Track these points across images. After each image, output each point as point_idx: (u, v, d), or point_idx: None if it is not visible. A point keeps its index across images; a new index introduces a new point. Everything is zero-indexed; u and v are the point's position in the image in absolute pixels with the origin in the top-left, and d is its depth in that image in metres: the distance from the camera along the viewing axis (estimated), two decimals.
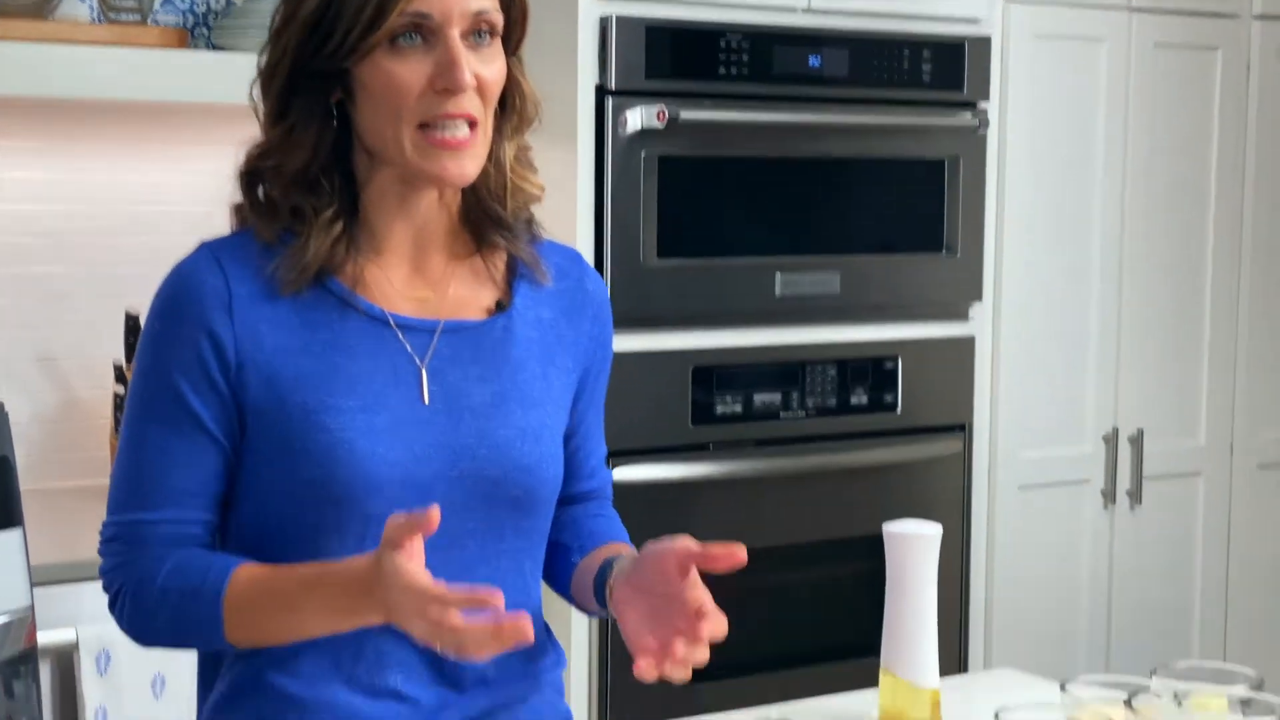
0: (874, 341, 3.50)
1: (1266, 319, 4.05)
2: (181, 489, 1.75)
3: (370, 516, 1.72)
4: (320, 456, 1.71)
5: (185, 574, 1.72)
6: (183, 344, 1.74)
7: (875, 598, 3.52)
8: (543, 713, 1.87)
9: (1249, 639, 4.05)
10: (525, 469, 1.79)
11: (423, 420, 1.76)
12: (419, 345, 1.78)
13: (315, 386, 1.73)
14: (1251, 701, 1.75)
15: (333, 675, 1.76)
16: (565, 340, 1.87)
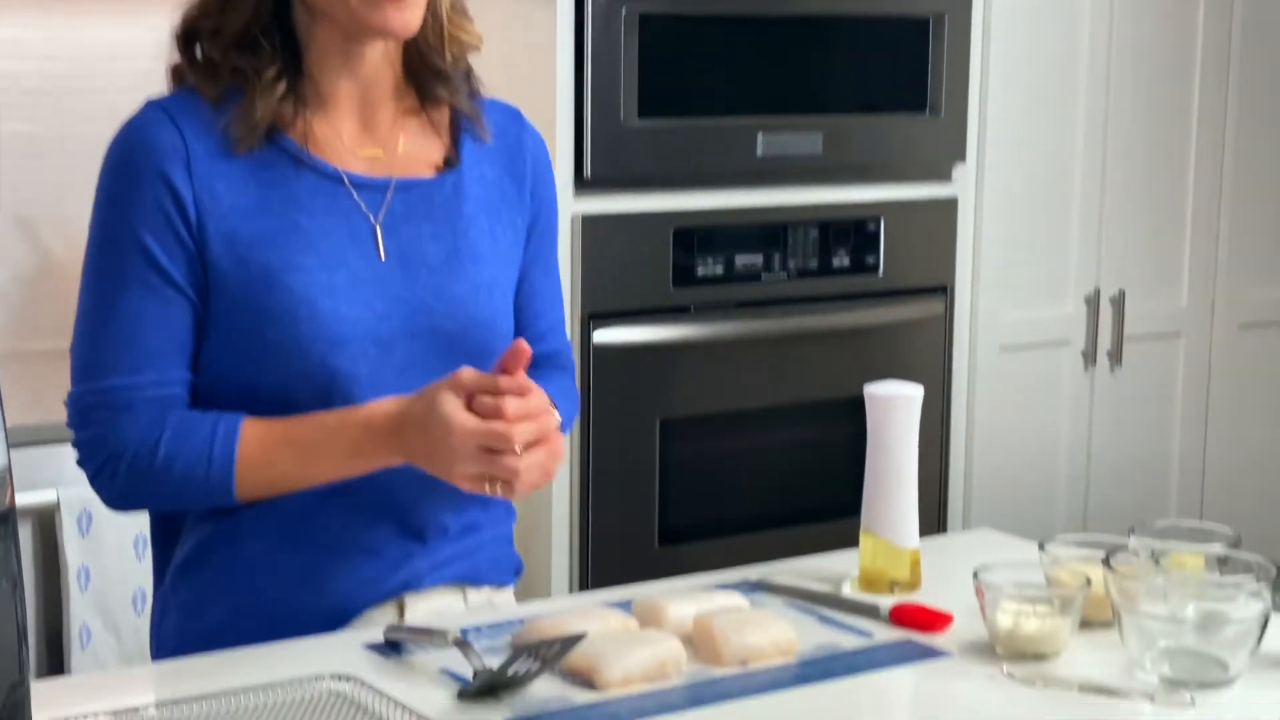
0: (856, 203, 3.48)
1: (1250, 179, 4.03)
2: (161, 349, 1.75)
3: (333, 372, 1.75)
4: (284, 316, 1.74)
5: (188, 437, 1.74)
6: (144, 200, 1.74)
7: (855, 459, 3.54)
8: (497, 558, 1.95)
9: (1226, 499, 4.08)
10: (482, 324, 1.84)
11: (380, 277, 1.79)
12: (372, 203, 1.81)
13: (275, 246, 1.75)
14: (1228, 559, 1.76)
15: (300, 533, 1.79)
16: (509, 197, 1.91)
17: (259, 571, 1.81)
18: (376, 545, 1.83)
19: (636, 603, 1.81)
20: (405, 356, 1.80)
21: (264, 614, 1.80)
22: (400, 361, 1.79)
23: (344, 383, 1.76)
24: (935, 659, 1.72)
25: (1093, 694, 1.62)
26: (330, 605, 1.82)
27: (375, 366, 1.78)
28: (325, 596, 1.81)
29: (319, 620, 1.81)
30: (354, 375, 1.77)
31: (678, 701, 1.59)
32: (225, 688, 1.59)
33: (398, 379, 1.79)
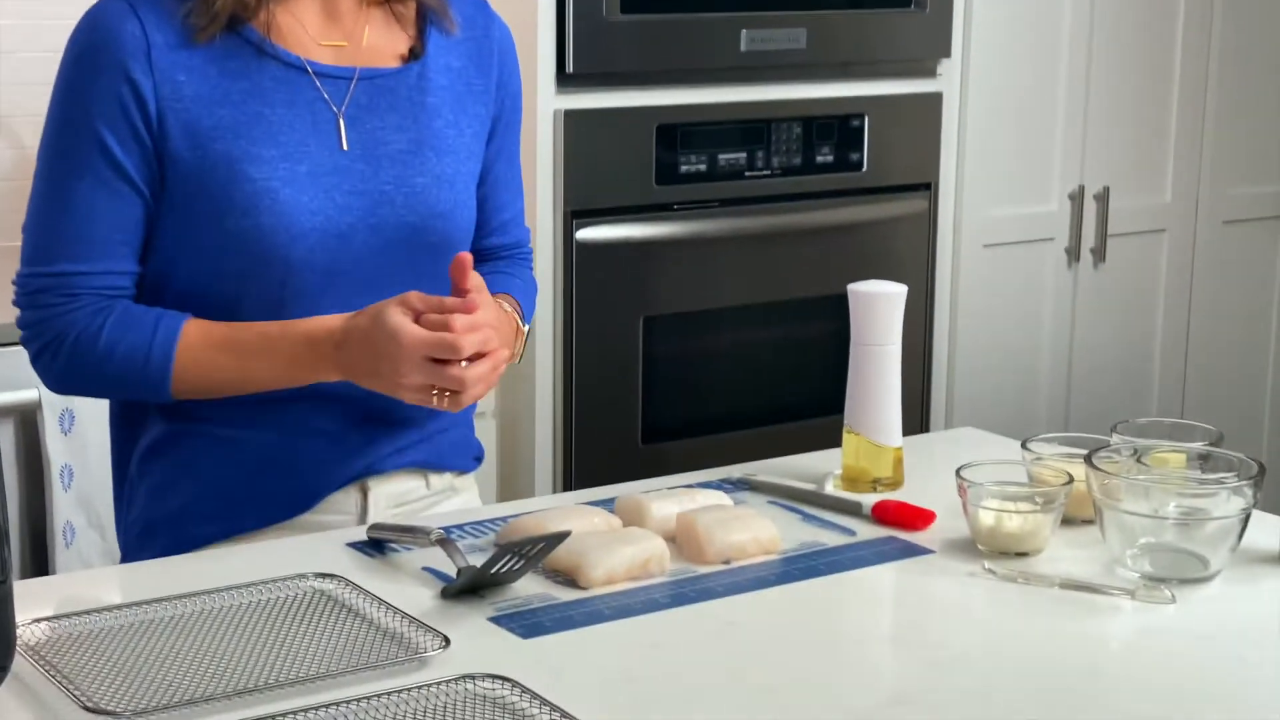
0: (841, 98, 3.45)
1: (1235, 76, 4.01)
2: (110, 240, 1.77)
3: (291, 263, 1.76)
4: (244, 205, 1.74)
5: (130, 329, 1.76)
6: (103, 93, 1.73)
7: (838, 357, 3.53)
8: (459, 445, 1.96)
9: (1207, 395, 4.09)
10: (441, 215, 1.84)
11: (342, 168, 1.79)
12: (336, 93, 1.80)
13: (236, 135, 1.75)
14: (1210, 457, 1.77)
15: (263, 417, 1.81)
16: (475, 89, 1.90)
17: (222, 455, 1.82)
18: (339, 429, 1.84)
19: (619, 501, 1.82)
20: (363, 248, 1.80)
21: (227, 497, 1.83)
22: (357, 253, 1.80)
23: (299, 273, 1.77)
24: (918, 556, 1.72)
25: (1074, 590, 1.62)
26: (293, 488, 1.84)
27: (333, 257, 1.78)
28: (288, 480, 1.83)
29: (281, 504, 1.84)
30: (310, 265, 1.77)
31: (662, 600, 1.60)
32: (209, 586, 1.59)
33: (354, 269, 1.79)
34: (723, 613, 1.58)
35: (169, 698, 1.37)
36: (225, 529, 1.83)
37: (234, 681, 1.40)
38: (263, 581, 1.61)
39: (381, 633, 1.51)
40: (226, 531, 1.83)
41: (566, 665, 1.46)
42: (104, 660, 1.44)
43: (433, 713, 1.35)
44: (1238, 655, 1.49)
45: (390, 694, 1.36)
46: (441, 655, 1.45)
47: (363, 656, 1.45)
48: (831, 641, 1.55)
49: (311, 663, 1.44)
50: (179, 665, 1.44)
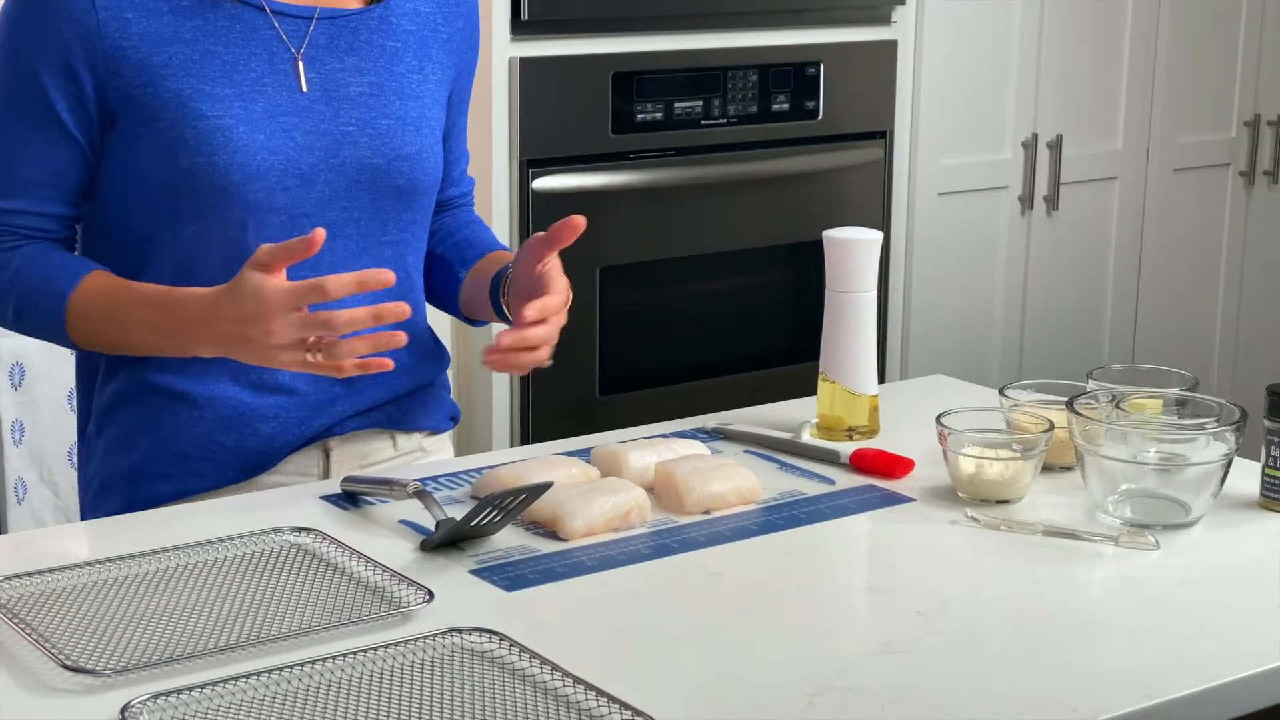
0: (796, 46, 3.43)
1: (1185, 25, 4.01)
2: (36, 181, 1.74)
3: (250, 205, 1.72)
4: (198, 144, 1.70)
5: (34, 273, 1.74)
6: (44, 34, 1.70)
7: (795, 306, 3.55)
8: (430, 405, 1.92)
9: (1158, 341, 4.11)
10: (408, 158, 1.80)
11: (301, 109, 1.75)
12: (294, 33, 1.77)
13: (188, 73, 1.71)
14: (1187, 402, 1.77)
15: (221, 372, 1.77)
16: (441, 36, 1.87)
17: (179, 411, 1.78)
18: (300, 387, 1.80)
19: (596, 451, 1.80)
20: (327, 189, 1.76)
21: (183, 455, 1.79)
22: (322, 194, 1.76)
23: (259, 215, 1.73)
24: (899, 505, 1.71)
25: (1057, 537, 1.62)
26: (251, 447, 1.79)
27: (295, 199, 1.74)
28: (246, 438, 1.79)
29: (239, 463, 1.80)
30: (271, 206, 1.73)
31: (644, 551, 1.58)
32: (184, 541, 1.56)
33: (319, 212, 1.76)
34: (706, 563, 1.56)
35: (150, 655, 1.34)
36: (180, 488, 1.79)
37: (215, 638, 1.38)
38: (238, 536, 1.58)
39: (363, 587, 1.48)
40: (182, 491, 1.79)
41: (552, 618, 1.44)
42: (79, 618, 1.41)
43: (421, 667, 1.32)
44: (1223, 601, 1.49)
45: (377, 648, 1.34)
46: (425, 609, 1.43)
47: (346, 611, 1.43)
48: (817, 591, 1.54)
49: (294, 618, 1.42)
50: (157, 622, 1.41)
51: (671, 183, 3.31)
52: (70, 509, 2.84)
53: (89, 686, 1.29)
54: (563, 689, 1.28)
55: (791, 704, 1.28)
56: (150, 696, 1.25)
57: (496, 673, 1.32)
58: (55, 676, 1.31)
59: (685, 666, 1.35)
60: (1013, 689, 1.31)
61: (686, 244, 3.36)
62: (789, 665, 1.35)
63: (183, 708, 1.25)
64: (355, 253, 1.79)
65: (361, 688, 1.29)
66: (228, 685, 1.28)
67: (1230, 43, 4.12)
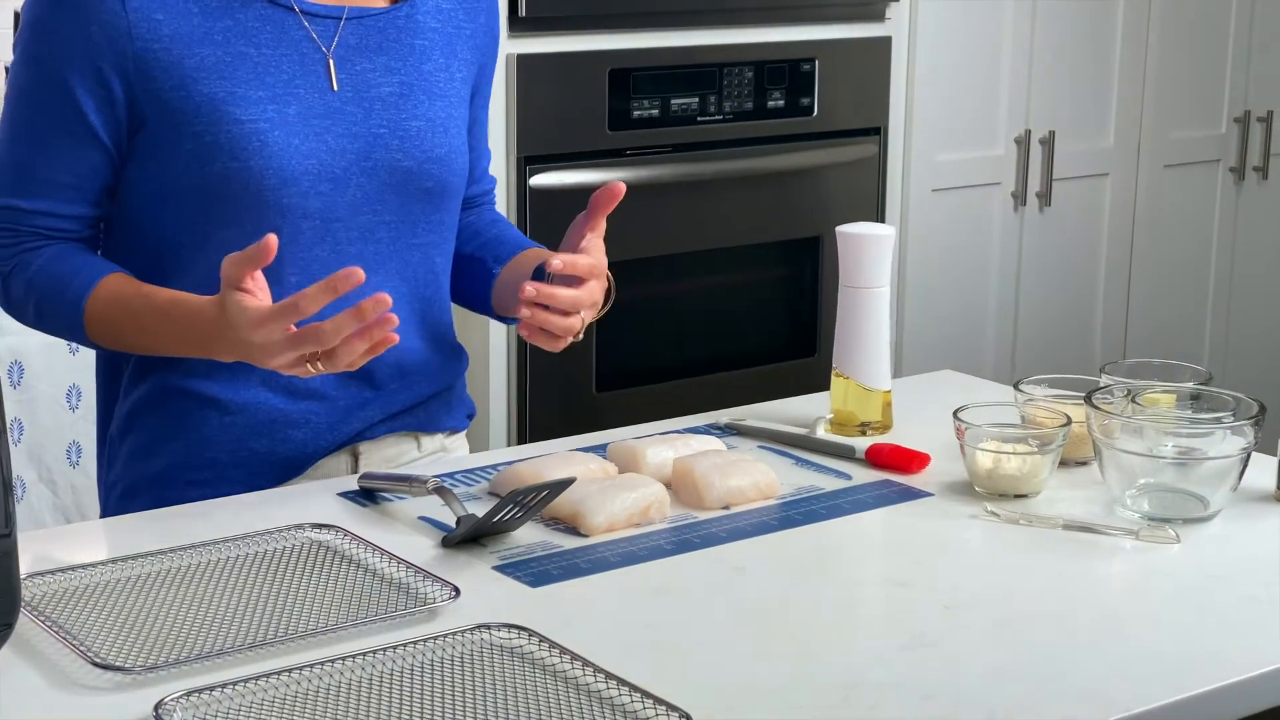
0: (791, 43, 3.43)
1: (1175, 22, 4.03)
2: (61, 182, 1.73)
3: (285, 209, 1.71)
4: (232, 148, 1.69)
5: (55, 273, 1.73)
6: (72, 36, 1.68)
7: (792, 302, 3.55)
8: (453, 404, 1.93)
9: (1149, 335, 4.13)
10: (437, 160, 1.80)
11: (333, 110, 1.74)
12: (324, 33, 1.75)
13: (221, 76, 1.69)
14: (1200, 396, 1.77)
15: (251, 377, 1.76)
16: (464, 33, 1.86)
17: (210, 416, 1.77)
18: (332, 392, 1.79)
19: (612, 447, 1.79)
20: (360, 193, 1.76)
21: (213, 461, 1.78)
22: (354, 198, 1.75)
23: (293, 219, 1.71)
24: (917, 499, 1.71)
25: (1077, 531, 1.62)
26: (283, 453, 1.79)
27: (328, 203, 1.73)
28: (277, 444, 1.78)
29: (271, 469, 1.79)
30: (305, 211, 1.72)
31: (666, 546, 1.58)
32: (204, 539, 1.56)
33: (351, 215, 1.75)
34: (729, 558, 1.56)
35: (179, 652, 1.33)
36: (212, 494, 1.76)
37: (244, 635, 1.37)
38: (260, 533, 1.58)
39: (387, 583, 1.48)
40: (213, 496, 1.76)
41: (578, 613, 1.44)
42: (106, 615, 1.41)
43: (452, 663, 1.32)
44: (1249, 593, 1.49)
45: (408, 644, 1.34)
46: (452, 605, 1.43)
47: (373, 608, 1.43)
48: (843, 586, 1.54)
49: (322, 615, 1.41)
50: (184, 618, 1.40)
51: (668, 179, 3.31)
52: (68, 507, 2.83)
53: (120, 684, 1.29)
54: (595, 684, 1.28)
55: (826, 699, 1.28)
56: (184, 693, 1.25)
57: (528, 669, 1.31)
58: (85, 674, 1.30)
59: (717, 662, 1.35)
60: (1047, 683, 1.31)
61: (683, 240, 3.36)
62: (820, 660, 1.35)
63: (216, 704, 1.25)
64: (386, 256, 1.78)
65: (394, 684, 1.29)
66: (260, 682, 1.27)
67: (1220, 40, 4.13)
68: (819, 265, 3.48)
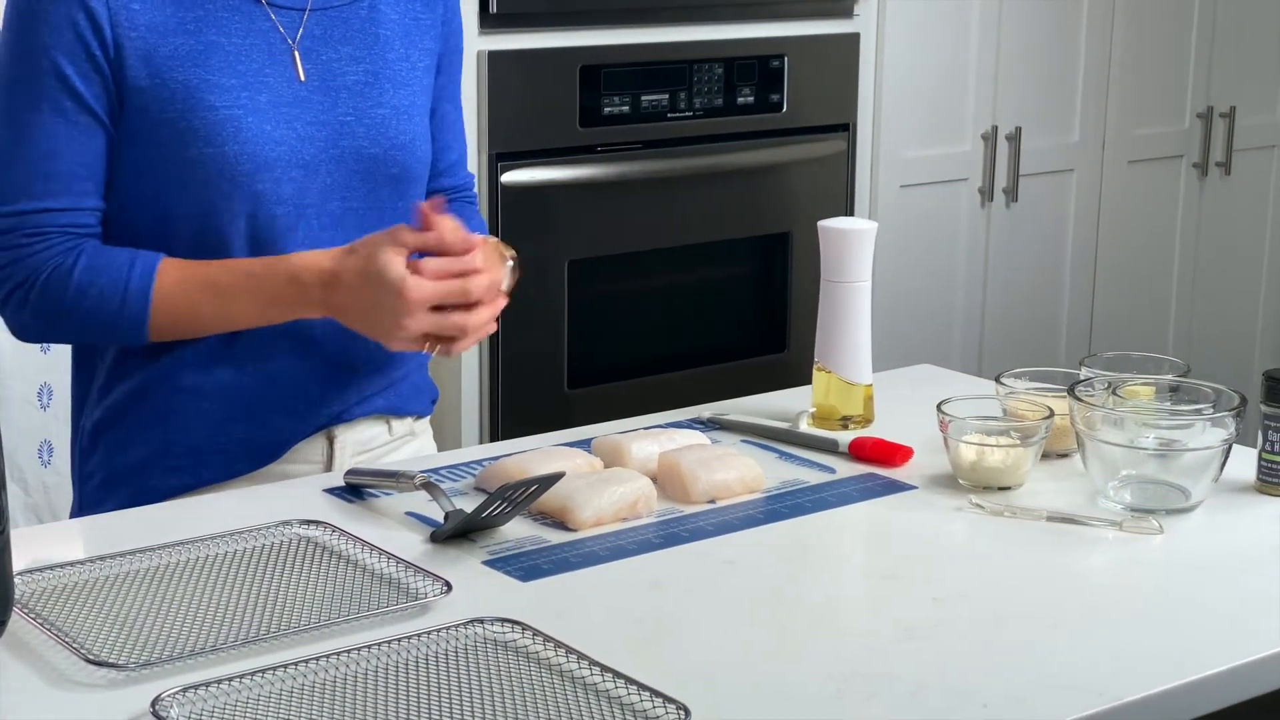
0: (761, 39, 3.44)
1: (1139, 20, 4.05)
2: (74, 175, 1.72)
3: (259, 195, 1.73)
4: (208, 134, 1.71)
5: (104, 269, 1.71)
6: (59, 22, 1.69)
7: (762, 298, 3.55)
8: (419, 387, 1.95)
9: (1114, 330, 4.15)
10: (402, 146, 1.83)
11: (301, 99, 1.77)
12: (289, 24, 1.78)
13: (194, 64, 1.71)
14: (1179, 388, 1.79)
15: (229, 366, 1.78)
16: (423, 23, 1.88)
17: (187, 405, 1.78)
18: (306, 377, 1.81)
19: (597, 442, 1.80)
20: (328, 179, 1.78)
21: (192, 449, 1.79)
22: (323, 185, 1.77)
23: (266, 205, 1.73)
24: (901, 492, 1.72)
25: (1062, 523, 1.63)
26: (260, 438, 1.80)
27: (300, 189, 1.76)
28: (255, 429, 1.80)
29: (248, 454, 1.80)
30: (277, 197, 1.74)
31: (655, 540, 1.59)
32: (192, 535, 1.55)
33: (321, 202, 1.77)
34: (717, 551, 1.57)
35: (172, 649, 1.33)
36: (190, 481, 1.79)
37: (237, 631, 1.37)
38: (248, 529, 1.57)
39: (378, 579, 1.48)
40: (191, 484, 1.79)
41: (570, 607, 1.44)
42: (96, 612, 1.40)
43: (446, 657, 1.32)
44: (1233, 583, 1.51)
45: (402, 639, 1.34)
46: (443, 600, 1.43)
47: (365, 603, 1.43)
48: (833, 578, 1.55)
49: (314, 610, 1.41)
50: (176, 615, 1.40)
51: (638, 175, 3.31)
52: (40, 507, 2.82)
53: (114, 681, 1.29)
54: (592, 678, 1.29)
55: (821, 691, 1.29)
56: (180, 690, 1.25)
57: (523, 663, 1.32)
58: (79, 671, 1.30)
59: (712, 655, 1.35)
60: (1039, 673, 1.32)
61: (653, 237, 3.37)
62: (813, 653, 1.36)
63: (212, 700, 1.25)
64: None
65: (389, 678, 1.29)
66: (255, 678, 1.27)
67: (1183, 37, 4.16)
68: (789, 261, 3.49)
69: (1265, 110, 4.37)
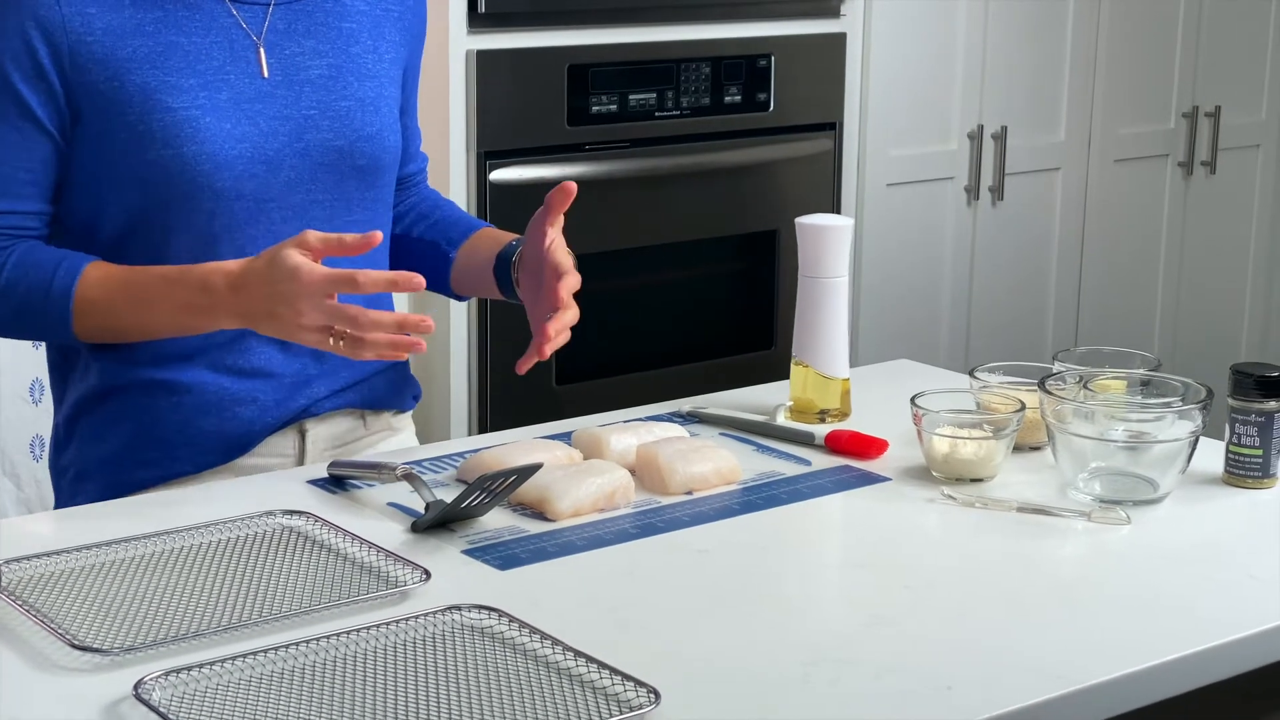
0: (748, 39, 3.47)
1: (1125, 19, 4.08)
2: (14, 179, 1.75)
3: (219, 193, 1.75)
4: (165, 136, 1.73)
5: (31, 268, 1.74)
6: (9, 32, 1.72)
7: (748, 295, 3.59)
8: (397, 384, 1.97)
9: (1099, 327, 4.18)
10: (368, 138, 1.84)
11: (264, 94, 1.79)
12: (253, 20, 1.80)
13: (153, 66, 1.74)
14: (1150, 382, 1.82)
15: (198, 360, 1.80)
16: (392, 15, 1.91)
17: (159, 399, 1.81)
18: (277, 371, 1.83)
19: (577, 434, 1.83)
20: (293, 173, 1.80)
21: (163, 441, 1.81)
22: (288, 179, 1.79)
23: (228, 202, 1.76)
24: (875, 484, 1.75)
25: (1031, 514, 1.67)
26: (231, 431, 1.82)
27: (262, 184, 1.77)
28: (225, 422, 1.82)
29: (219, 447, 1.83)
30: (239, 193, 1.76)
31: (631, 530, 1.62)
32: (174, 526, 1.58)
33: (285, 195, 1.79)
34: (693, 541, 1.60)
35: (156, 634, 1.36)
36: (160, 473, 1.81)
37: (219, 617, 1.40)
38: (232, 519, 1.60)
39: (359, 567, 1.51)
40: (163, 476, 1.81)
41: (546, 595, 1.47)
42: (82, 599, 1.43)
43: (424, 643, 1.35)
44: (1196, 572, 1.54)
45: (380, 626, 1.37)
46: (422, 587, 1.46)
47: (346, 590, 1.46)
48: (804, 568, 1.58)
49: (296, 598, 1.44)
50: (159, 602, 1.43)
51: (626, 174, 3.34)
52: (32, 500, 2.85)
53: (98, 665, 1.32)
54: (564, 662, 1.32)
55: (787, 674, 1.32)
56: (162, 673, 1.28)
57: (498, 648, 1.35)
58: (64, 656, 1.33)
59: (682, 640, 1.38)
60: (999, 658, 1.35)
61: (641, 235, 3.40)
62: (782, 638, 1.39)
63: (194, 684, 1.28)
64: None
65: (367, 663, 1.32)
66: (237, 662, 1.30)
67: (1169, 36, 4.19)
68: (776, 258, 3.52)
69: (1250, 109, 4.41)
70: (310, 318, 1.63)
